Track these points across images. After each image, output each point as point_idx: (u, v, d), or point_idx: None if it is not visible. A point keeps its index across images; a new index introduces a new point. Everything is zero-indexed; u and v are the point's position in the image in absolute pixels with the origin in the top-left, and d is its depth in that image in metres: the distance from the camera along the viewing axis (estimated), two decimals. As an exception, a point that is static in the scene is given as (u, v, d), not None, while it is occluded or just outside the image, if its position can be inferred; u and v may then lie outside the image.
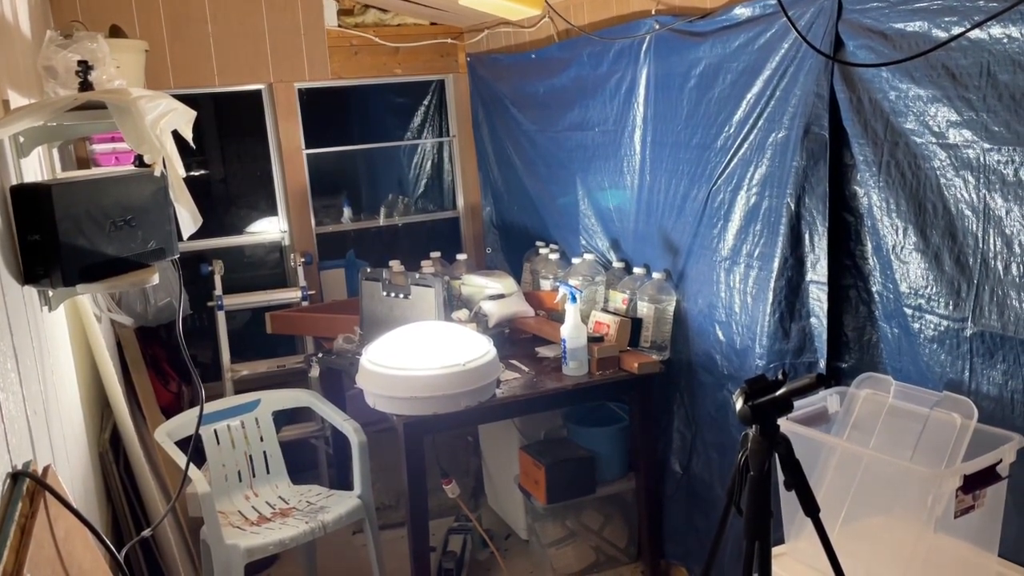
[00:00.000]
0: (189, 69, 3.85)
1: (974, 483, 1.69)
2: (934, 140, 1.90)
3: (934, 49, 1.81)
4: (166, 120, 1.68)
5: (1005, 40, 1.70)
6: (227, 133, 4.67)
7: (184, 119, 1.79)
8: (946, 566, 1.78)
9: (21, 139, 1.80)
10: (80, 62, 2.02)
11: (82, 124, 1.85)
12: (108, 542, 1.53)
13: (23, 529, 1.20)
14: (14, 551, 1.13)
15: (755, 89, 2.42)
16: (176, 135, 1.79)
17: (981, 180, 1.81)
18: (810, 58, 2.21)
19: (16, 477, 1.29)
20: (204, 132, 4.55)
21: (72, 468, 1.99)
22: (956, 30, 1.78)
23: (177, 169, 1.74)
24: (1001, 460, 1.71)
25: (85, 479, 2.21)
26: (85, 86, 2.02)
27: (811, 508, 1.63)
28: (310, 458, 3.88)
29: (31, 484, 1.31)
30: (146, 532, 2.22)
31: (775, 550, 1.78)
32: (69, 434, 2.03)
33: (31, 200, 1.59)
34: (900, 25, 1.92)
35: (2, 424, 1.26)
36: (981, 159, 1.80)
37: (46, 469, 1.43)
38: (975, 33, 1.75)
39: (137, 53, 3.10)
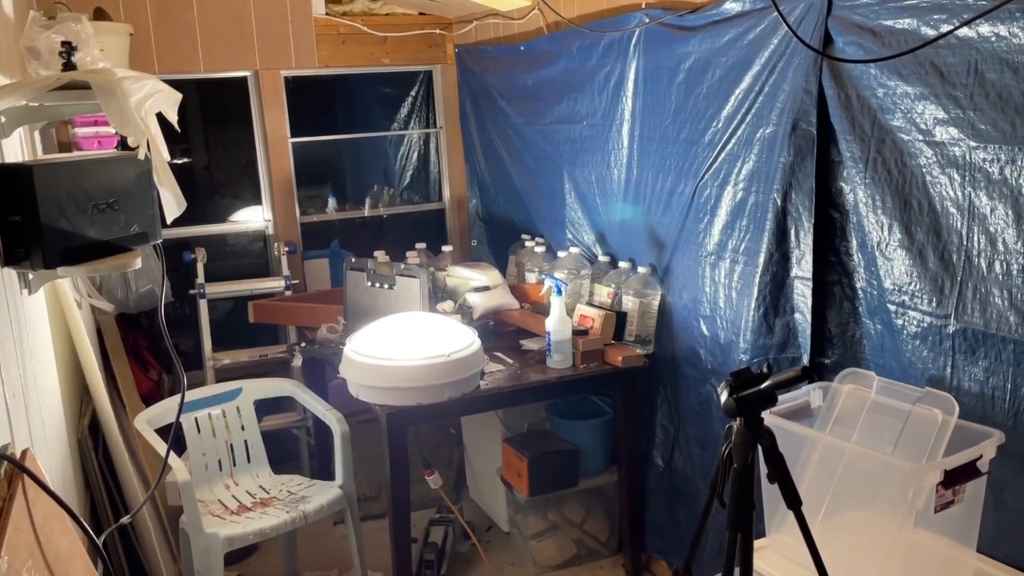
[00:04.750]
0: (174, 54, 3.81)
1: (954, 478, 1.70)
2: (921, 137, 1.91)
3: (923, 46, 1.82)
4: (151, 102, 1.66)
5: (993, 38, 1.71)
6: (212, 120, 4.63)
7: (169, 101, 1.76)
8: (925, 560, 1.79)
9: (2, 119, 1.77)
10: (64, 43, 1.98)
11: (65, 105, 1.82)
12: (87, 527, 1.51)
13: (0, 512, 1.18)
14: (-9, 534, 1.11)
15: (743, 84, 2.43)
16: (161, 118, 1.76)
17: (966, 178, 1.82)
18: (799, 54, 2.21)
19: (-7, 460, 1.27)
20: (189, 119, 4.51)
21: (50, 453, 1.96)
22: (945, 28, 1.79)
23: (161, 152, 1.71)
24: (981, 456, 1.73)
25: (63, 465, 2.19)
26: (68, 67, 1.99)
27: (793, 501, 1.64)
28: (292, 448, 3.86)
29: (9, 467, 1.30)
30: (125, 519, 2.20)
31: (756, 543, 1.79)
32: (48, 419, 2.00)
33: (12, 180, 1.57)
34: (889, 22, 1.92)
35: (-20, 406, 1.25)
36: (967, 157, 1.81)
37: (24, 452, 1.41)
38: (964, 31, 1.76)
39: (121, 36, 3.06)
